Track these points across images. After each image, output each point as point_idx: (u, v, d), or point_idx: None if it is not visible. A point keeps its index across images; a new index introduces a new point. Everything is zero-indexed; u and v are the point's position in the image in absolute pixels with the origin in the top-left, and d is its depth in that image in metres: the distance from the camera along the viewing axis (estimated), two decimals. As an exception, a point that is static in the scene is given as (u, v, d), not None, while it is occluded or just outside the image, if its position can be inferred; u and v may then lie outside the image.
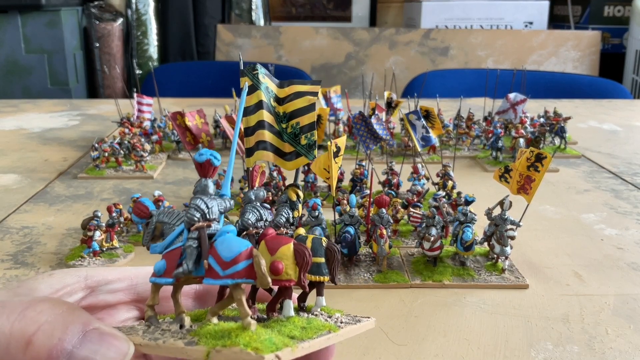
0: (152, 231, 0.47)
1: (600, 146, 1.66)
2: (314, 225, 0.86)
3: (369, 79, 2.72)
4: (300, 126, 0.59)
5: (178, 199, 1.21)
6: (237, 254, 0.41)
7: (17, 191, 1.26)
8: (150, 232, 0.47)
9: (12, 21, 3.21)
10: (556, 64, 3.83)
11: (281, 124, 0.60)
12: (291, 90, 0.60)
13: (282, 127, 0.60)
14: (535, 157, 0.86)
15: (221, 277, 0.41)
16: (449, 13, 4.04)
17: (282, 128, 0.60)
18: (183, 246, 0.44)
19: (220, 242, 0.42)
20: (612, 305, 0.80)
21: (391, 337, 0.72)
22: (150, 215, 0.47)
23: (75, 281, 0.51)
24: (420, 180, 1.12)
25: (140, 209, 0.47)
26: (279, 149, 0.59)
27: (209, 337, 0.41)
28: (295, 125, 0.59)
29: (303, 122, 0.59)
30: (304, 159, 0.59)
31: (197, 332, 0.42)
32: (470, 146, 1.59)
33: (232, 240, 0.42)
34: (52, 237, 1.01)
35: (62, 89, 3.34)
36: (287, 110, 0.60)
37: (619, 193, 1.26)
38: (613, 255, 0.96)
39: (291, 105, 0.60)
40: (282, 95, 0.61)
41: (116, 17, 3.66)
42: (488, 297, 0.82)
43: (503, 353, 0.69)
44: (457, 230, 0.89)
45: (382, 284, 0.84)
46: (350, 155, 1.48)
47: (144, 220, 0.47)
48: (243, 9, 4.15)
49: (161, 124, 1.63)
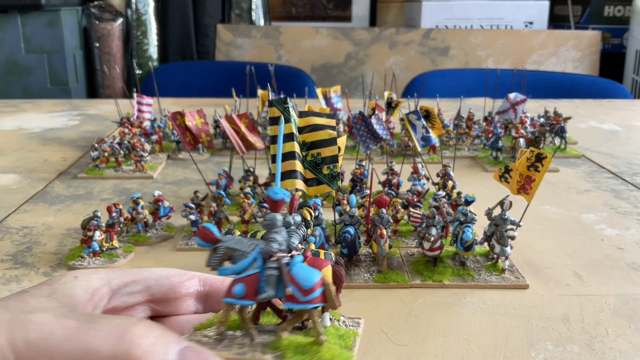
0: (221, 256, 0.51)
1: (600, 146, 1.66)
2: (314, 225, 0.86)
3: (369, 79, 2.72)
4: (322, 157, 0.66)
5: (178, 199, 1.21)
6: (314, 283, 0.47)
7: (16, 191, 1.26)
8: (219, 257, 0.51)
9: (12, 21, 3.21)
10: (556, 64, 3.83)
11: (302, 152, 0.66)
12: (310, 121, 0.67)
13: (303, 155, 0.66)
14: (535, 157, 0.86)
15: (301, 302, 0.47)
16: (449, 13, 4.04)
17: (303, 156, 0.66)
18: (261, 273, 0.49)
19: (296, 271, 0.48)
20: (612, 306, 0.80)
21: (391, 337, 0.72)
22: (217, 240, 0.50)
23: (101, 284, 0.53)
24: (420, 180, 1.12)
25: (205, 234, 0.50)
26: (302, 174, 0.66)
27: (293, 351, 0.46)
28: (317, 155, 0.66)
29: (325, 154, 0.66)
30: (326, 187, 0.67)
31: (275, 346, 0.47)
32: (470, 146, 1.59)
33: (307, 270, 0.48)
34: (52, 237, 1.01)
35: (62, 89, 3.34)
36: (306, 140, 0.66)
37: (619, 193, 1.26)
38: (613, 255, 0.96)
39: (311, 136, 0.66)
40: (301, 124, 0.67)
41: (116, 17, 3.66)
42: (488, 297, 0.82)
43: (503, 353, 0.69)
44: (457, 231, 0.89)
45: (382, 284, 0.84)
46: (350, 155, 1.48)
47: (209, 245, 0.50)
48: (243, 9, 4.15)
49: (161, 124, 1.63)
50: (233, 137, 1.14)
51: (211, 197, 1.06)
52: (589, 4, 3.97)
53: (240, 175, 1.18)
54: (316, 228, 0.86)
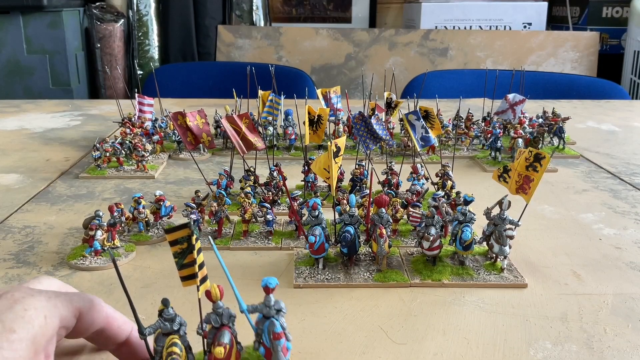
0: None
1: (598, 146, 1.67)
2: (314, 225, 0.87)
3: (368, 79, 2.73)
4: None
5: (179, 199, 1.21)
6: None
7: (18, 191, 1.26)
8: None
9: (14, 22, 3.21)
10: (555, 64, 3.84)
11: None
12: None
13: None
14: (534, 157, 0.87)
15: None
16: (448, 14, 4.04)
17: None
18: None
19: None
20: (610, 305, 0.81)
21: (390, 336, 0.72)
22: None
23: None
24: (419, 180, 1.13)
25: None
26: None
27: None
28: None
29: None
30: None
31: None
32: (469, 146, 1.60)
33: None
34: (54, 237, 1.02)
35: (63, 90, 3.35)
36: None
37: (617, 193, 1.27)
38: (611, 254, 0.96)
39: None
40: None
41: (117, 18, 3.67)
42: (487, 296, 0.82)
43: (502, 352, 0.70)
44: (456, 230, 0.89)
45: (382, 283, 0.84)
46: (350, 155, 1.49)
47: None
48: (244, 10, 4.16)
49: (162, 124, 1.64)
50: (234, 137, 1.14)
51: (212, 197, 1.07)
52: (587, 5, 3.98)
53: (241, 175, 1.19)
54: (316, 228, 0.86)
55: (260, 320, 0.62)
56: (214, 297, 0.60)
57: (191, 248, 0.59)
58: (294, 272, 0.87)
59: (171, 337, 0.59)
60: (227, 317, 0.61)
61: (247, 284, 0.85)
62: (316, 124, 1.36)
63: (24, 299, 0.51)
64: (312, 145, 1.59)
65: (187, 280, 0.60)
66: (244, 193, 1.02)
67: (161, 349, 0.59)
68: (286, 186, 0.95)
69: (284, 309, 0.61)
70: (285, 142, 1.58)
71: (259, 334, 0.62)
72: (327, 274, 0.86)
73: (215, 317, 0.61)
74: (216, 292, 0.60)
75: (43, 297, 0.52)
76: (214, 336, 0.60)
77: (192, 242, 0.59)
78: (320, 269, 0.88)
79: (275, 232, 1.01)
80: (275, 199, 1.11)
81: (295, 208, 0.97)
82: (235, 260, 0.92)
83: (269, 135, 1.56)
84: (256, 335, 0.62)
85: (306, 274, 0.86)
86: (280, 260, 0.93)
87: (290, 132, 1.56)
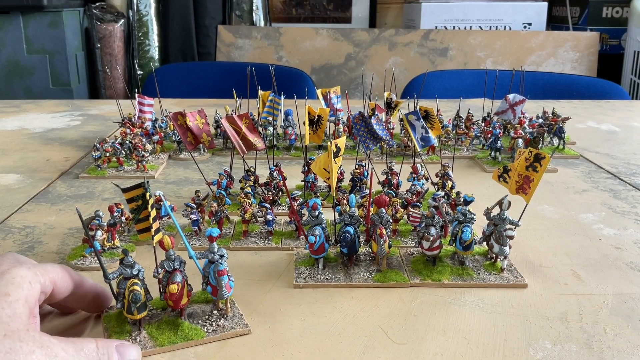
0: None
1: (598, 146, 1.67)
2: (314, 225, 0.87)
3: (368, 79, 2.73)
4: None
5: (179, 199, 1.21)
6: None
7: (18, 191, 1.26)
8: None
9: (14, 22, 3.22)
10: (555, 64, 3.84)
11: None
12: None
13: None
14: (533, 157, 0.87)
15: None
16: (448, 14, 4.05)
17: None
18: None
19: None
20: (610, 305, 0.81)
21: (390, 336, 0.72)
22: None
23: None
24: (419, 180, 1.13)
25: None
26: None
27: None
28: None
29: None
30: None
31: None
32: (469, 146, 1.60)
33: None
34: (54, 237, 1.02)
35: (63, 90, 3.35)
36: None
37: (617, 193, 1.27)
38: (611, 254, 0.97)
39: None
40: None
41: (117, 18, 3.67)
42: (487, 296, 0.83)
43: (502, 352, 0.70)
44: (456, 230, 0.90)
45: (382, 283, 0.84)
46: (350, 155, 1.49)
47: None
48: (244, 10, 4.16)
49: (162, 124, 1.64)
50: (234, 137, 1.14)
51: (212, 197, 1.07)
52: (587, 5, 3.98)
53: (241, 175, 1.19)
54: (316, 228, 0.86)
55: (206, 265, 0.74)
56: (166, 246, 0.71)
57: (145, 204, 0.70)
58: (294, 272, 0.87)
59: (132, 281, 0.69)
60: (179, 262, 0.72)
61: (247, 284, 0.85)
62: (316, 124, 1.36)
63: (10, 269, 0.60)
64: (312, 146, 1.59)
65: (143, 232, 0.72)
66: (244, 193, 1.02)
67: (123, 290, 0.70)
68: (286, 186, 0.95)
69: (226, 254, 0.74)
70: (285, 142, 1.58)
71: (206, 276, 0.74)
72: (327, 274, 0.87)
73: (169, 262, 0.71)
74: (168, 242, 0.71)
75: (24, 267, 0.61)
76: (167, 279, 0.71)
77: (146, 199, 0.70)
78: (320, 269, 0.88)
79: (275, 232, 1.01)
80: (275, 199, 1.11)
81: (295, 208, 0.97)
82: (235, 260, 0.92)
83: (269, 135, 1.56)
84: (203, 277, 0.74)
85: (306, 274, 0.86)
86: (280, 260, 0.93)
87: (290, 132, 1.56)
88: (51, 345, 0.56)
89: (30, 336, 0.55)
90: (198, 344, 0.70)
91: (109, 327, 0.72)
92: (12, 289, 0.58)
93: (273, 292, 0.83)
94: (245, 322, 0.74)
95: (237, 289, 0.83)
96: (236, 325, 0.73)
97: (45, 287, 0.63)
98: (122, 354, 0.62)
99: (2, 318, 0.55)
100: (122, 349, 0.63)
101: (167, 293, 0.70)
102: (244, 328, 0.73)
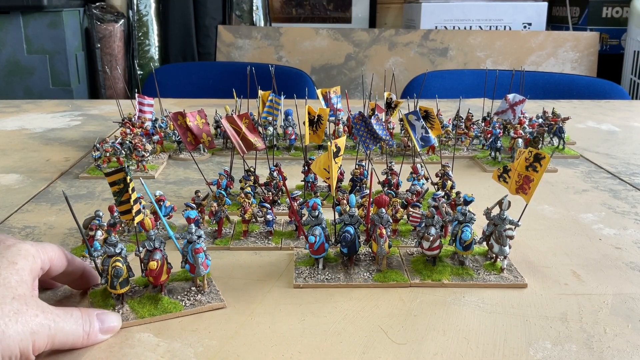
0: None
1: (598, 146, 1.67)
2: (314, 225, 0.87)
3: (368, 79, 2.73)
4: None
5: (179, 199, 1.21)
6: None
7: (18, 191, 1.26)
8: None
9: (14, 22, 3.22)
10: (555, 64, 3.85)
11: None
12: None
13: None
14: (533, 157, 0.87)
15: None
16: (448, 14, 4.05)
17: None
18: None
19: None
20: (610, 305, 0.81)
21: (390, 336, 0.72)
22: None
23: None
24: (419, 180, 1.13)
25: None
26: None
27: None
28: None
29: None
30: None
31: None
32: (469, 146, 1.60)
33: None
34: (54, 237, 1.02)
35: (63, 90, 3.35)
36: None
37: (617, 193, 1.27)
38: (611, 254, 0.97)
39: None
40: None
41: (117, 18, 3.67)
42: (487, 296, 0.83)
43: (502, 352, 0.70)
44: (456, 230, 0.90)
45: (382, 283, 0.84)
46: (350, 155, 1.49)
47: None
48: (244, 10, 4.16)
49: (162, 124, 1.64)
50: (234, 137, 1.14)
51: (212, 197, 1.07)
52: (587, 5, 3.98)
53: (241, 175, 1.19)
54: (316, 228, 0.86)
55: (185, 245, 0.78)
56: (147, 226, 0.76)
57: (127, 187, 0.76)
58: (294, 272, 0.87)
59: (115, 258, 0.74)
60: (159, 242, 0.77)
61: (247, 284, 0.85)
62: (316, 124, 1.36)
63: (16, 244, 0.68)
64: (312, 146, 1.59)
65: (125, 214, 0.78)
66: (244, 193, 1.02)
67: (107, 267, 0.74)
68: (286, 186, 0.95)
69: (204, 235, 0.80)
70: (285, 142, 1.59)
71: (185, 255, 0.79)
72: (327, 274, 0.87)
73: (149, 242, 0.76)
74: (149, 222, 0.76)
75: (27, 243, 0.69)
76: (148, 257, 0.76)
77: (127, 182, 0.76)
78: (320, 269, 0.88)
79: (275, 232, 1.01)
80: (275, 199, 1.11)
81: (295, 208, 0.98)
82: (235, 260, 0.92)
83: (269, 135, 1.56)
84: (182, 256, 0.79)
85: (306, 274, 0.86)
86: (280, 260, 0.93)
87: (290, 132, 1.56)
88: (50, 310, 0.64)
89: (34, 301, 0.63)
90: (176, 316, 0.75)
91: (94, 301, 0.77)
92: (19, 259, 0.66)
93: (273, 292, 0.83)
94: (221, 297, 0.79)
95: (237, 288, 0.83)
96: (212, 300, 0.78)
97: (44, 263, 0.70)
98: (103, 320, 0.70)
99: (11, 283, 0.63)
100: (103, 317, 0.70)
101: (147, 270, 0.75)
102: (219, 302, 0.78)
